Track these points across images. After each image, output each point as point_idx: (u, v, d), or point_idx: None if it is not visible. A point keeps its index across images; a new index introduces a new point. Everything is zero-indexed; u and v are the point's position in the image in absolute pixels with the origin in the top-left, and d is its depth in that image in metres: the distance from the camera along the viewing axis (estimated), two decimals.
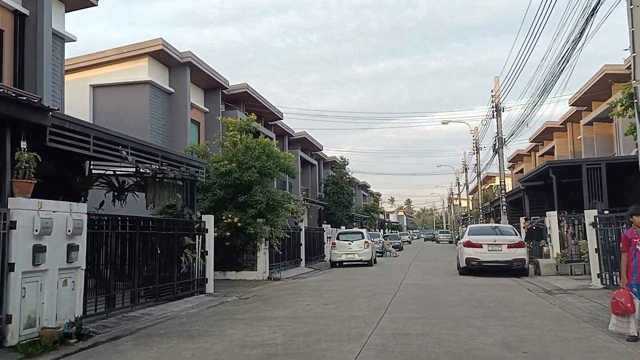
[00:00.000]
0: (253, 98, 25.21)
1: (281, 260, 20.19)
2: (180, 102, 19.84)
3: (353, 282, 15.55)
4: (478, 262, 16.56)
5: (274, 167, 16.96)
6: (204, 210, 16.83)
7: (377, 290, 12.86)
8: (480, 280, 15.25)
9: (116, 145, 9.39)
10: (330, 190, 40.41)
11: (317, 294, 12.64)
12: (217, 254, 17.04)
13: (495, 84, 23.57)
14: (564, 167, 18.41)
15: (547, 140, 38.59)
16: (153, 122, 18.60)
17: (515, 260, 16.34)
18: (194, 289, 12.42)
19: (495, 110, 23.35)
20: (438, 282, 15.08)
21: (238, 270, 17.34)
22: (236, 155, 16.67)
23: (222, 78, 22.63)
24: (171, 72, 19.99)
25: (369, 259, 23.55)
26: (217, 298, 12.29)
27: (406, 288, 13.30)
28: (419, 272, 19.01)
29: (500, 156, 23.29)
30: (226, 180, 16.62)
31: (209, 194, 16.97)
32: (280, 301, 11.44)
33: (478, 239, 16.97)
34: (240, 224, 16.60)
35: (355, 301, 10.96)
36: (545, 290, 12.76)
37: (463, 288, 13.10)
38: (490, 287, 13.21)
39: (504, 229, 18.16)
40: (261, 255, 17.34)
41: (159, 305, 10.60)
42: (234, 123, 17.27)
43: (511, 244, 16.57)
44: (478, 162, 36.71)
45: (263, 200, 16.48)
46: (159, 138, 18.74)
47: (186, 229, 12.20)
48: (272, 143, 17.29)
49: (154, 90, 18.71)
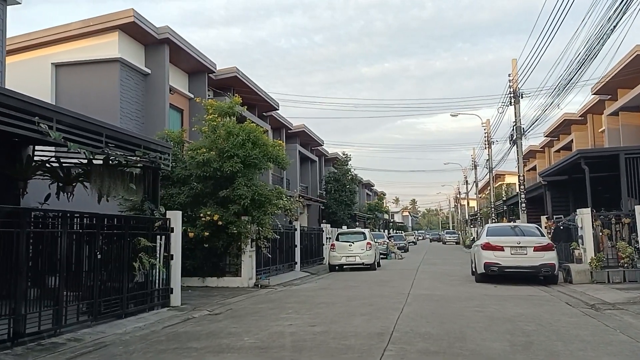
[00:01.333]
0: (244, 84, 22.84)
1: (272, 264, 17.81)
2: (157, 85, 17.51)
3: (352, 292, 13.15)
4: (499, 268, 14.13)
5: (261, 157, 14.57)
6: (179, 207, 14.48)
7: (379, 304, 10.46)
8: (503, 290, 12.82)
9: (31, 115, 7.05)
10: (332, 188, 38.00)
11: (305, 308, 10.24)
12: (194, 258, 14.78)
13: (513, 67, 21.11)
14: (599, 156, 15.91)
15: (564, 135, 36.02)
16: (125, 107, 16.26)
17: (544, 265, 13.90)
18: (153, 301, 10.05)
19: (513, 97, 20.87)
20: (453, 292, 12.66)
21: (220, 276, 14.99)
22: (216, 142, 14.31)
23: (208, 60, 20.28)
24: (147, 51, 17.65)
25: (372, 262, 21.15)
26: (182, 313, 9.93)
27: (415, 301, 10.88)
28: (429, 279, 16.59)
29: (519, 147, 20.81)
30: (204, 172, 14.26)
31: (186, 188, 14.61)
32: (256, 319, 9.05)
33: (498, 240, 14.54)
34: (222, 223, 14.25)
35: (351, 321, 8.55)
36: (587, 304, 10.32)
37: (486, 301, 10.67)
38: (519, 301, 10.77)
39: (526, 229, 15.69)
40: (246, 258, 14.97)
41: (99, 326, 8.24)
42: (215, 106, 14.89)
43: (538, 247, 14.11)
44: (490, 156, 34.23)
45: (247, 195, 14.11)
46: (132, 125, 16.40)
47: (142, 228, 9.83)
48: (259, 129, 14.90)
49: (125, 69, 16.37)
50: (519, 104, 20.82)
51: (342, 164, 39.89)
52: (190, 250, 14.70)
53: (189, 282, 14.88)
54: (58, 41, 16.33)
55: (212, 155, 14.07)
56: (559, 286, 13.85)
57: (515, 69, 20.97)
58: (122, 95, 16.14)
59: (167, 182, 14.82)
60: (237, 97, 15.30)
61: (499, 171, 47.88)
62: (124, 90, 16.23)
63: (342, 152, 40.91)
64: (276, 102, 27.58)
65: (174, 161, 14.89)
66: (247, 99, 24.32)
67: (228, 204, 14.37)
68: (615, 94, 25.63)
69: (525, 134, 20.49)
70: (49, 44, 16.32)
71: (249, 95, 23.85)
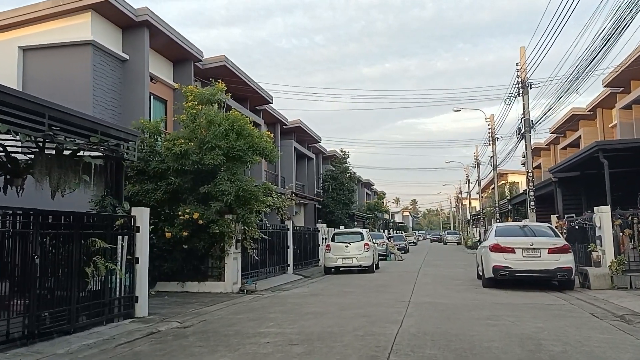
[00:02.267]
0: (234, 74, 21.41)
1: (261, 266, 16.43)
2: (136, 72, 16.10)
3: (345, 299, 11.75)
4: (509, 272, 12.72)
5: (246, 149, 13.17)
6: (155, 204, 13.13)
7: (375, 315, 9.05)
8: (515, 297, 11.42)
9: None
10: (329, 186, 36.56)
11: (290, 319, 8.84)
12: (173, 260, 13.39)
13: (521, 56, 19.67)
14: (620, 149, 14.48)
15: (571, 131, 34.56)
16: (98, 94, 14.86)
17: (559, 269, 12.49)
18: (112, 312, 8.65)
19: (522, 87, 19.45)
20: (459, 299, 11.25)
21: (201, 281, 13.61)
22: (195, 131, 12.92)
23: (194, 47, 18.87)
24: (125, 34, 16.24)
25: (370, 264, 19.75)
26: (146, 326, 8.53)
27: (417, 311, 9.48)
28: (431, 283, 15.18)
29: (528, 142, 19.39)
30: (182, 165, 12.87)
31: (163, 183, 13.20)
32: (229, 334, 7.65)
33: (509, 241, 13.13)
34: (202, 222, 12.86)
35: (340, 338, 7.14)
36: (615, 315, 8.92)
37: (498, 312, 9.27)
38: (536, 311, 9.36)
39: (537, 229, 14.25)
40: (230, 261, 13.58)
41: (38, 344, 6.85)
42: (195, 92, 13.49)
43: (553, 249, 12.71)
44: (494, 153, 32.76)
45: (231, 191, 12.71)
46: (107, 114, 15.01)
47: (98, 227, 8.44)
48: (245, 118, 13.50)
49: (99, 53, 14.96)
50: (527, 95, 19.40)
51: (340, 162, 38.45)
52: (168, 251, 13.36)
53: (167, 287, 13.52)
54: (25, 22, 14.93)
55: (191, 146, 12.69)
56: (576, 292, 12.46)
57: (523, 58, 19.55)
58: (96, 82, 14.73)
59: (142, 177, 13.45)
60: (221, 83, 13.89)
61: (502, 170, 46.39)
62: (97, 77, 14.82)
63: (340, 150, 39.48)
64: (269, 95, 26.15)
65: (150, 153, 13.56)
66: (238, 91, 22.94)
67: (209, 201, 12.99)
68: (629, 86, 24.21)
69: (534, 127, 19.08)
70: (15, 25, 14.93)
71: (240, 86, 22.44)
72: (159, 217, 13.26)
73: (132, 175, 13.42)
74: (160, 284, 13.58)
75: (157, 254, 13.33)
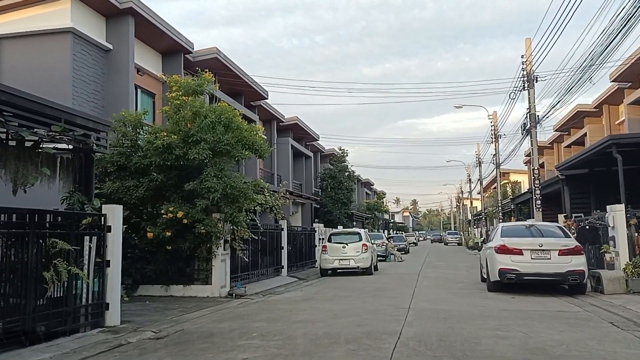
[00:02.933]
0: (227, 68, 20.52)
1: (252, 268, 15.56)
2: (121, 63, 15.22)
3: (340, 304, 10.85)
4: (517, 275, 11.82)
5: (234, 143, 12.29)
6: (137, 201, 12.27)
7: (371, 325, 8.16)
8: (524, 303, 10.52)
9: None
10: (327, 185, 35.64)
11: (275, 330, 7.94)
12: (156, 262, 12.51)
13: (527, 48, 18.76)
14: (635, 143, 13.57)
15: (575, 129, 33.67)
16: (79, 86, 13.99)
17: (571, 272, 11.58)
18: (77, 321, 7.75)
19: (527, 80, 18.55)
20: (463, 305, 10.35)
21: (187, 284, 12.72)
22: (179, 123, 12.03)
23: (184, 38, 17.98)
24: (109, 23, 15.36)
25: (368, 265, 18.85)
26: (116, 337, 7.64)
27: (418, 319, 8.58)
28: (433, 287, 14.28)
29: (533, 137, 18.47)
30: (165, 159, 11.98)
31: (145, 180, 12.31)
32: (205, 348, 6.76)
33: (516, 242, 12.24)
34: (187, 221, 11.98)
35: (329, 354, 6.25)
36: (637, 324, 8.03)
37: (507, 320, 8.37)
38: (550, 320, 8.46)
39: (545, 229, 13.34)
40: (217, 263, 12.69)
41: None
42: (180, 82, 12.60)
43: (564, 250, 11.81)
44: (497, 151, 31.87)
45: (218, 188, 11.83)
46: (88, 107, 14.13)
47: (59, 226, 7.54)
48: (233, 110, 12.62)
49: (79, 42, 14.08)
50: (533, 89, 18.50)
51: (339, 160, 37.53)
52: (151, 253, 12.49)
53: (150, 291, 12.65)
54: (1, 9, 14.06)
55: (174, 139, 11.79)
56: (588, 297, 11.57)
57: (529, 50, 18.65)
58: (76, 73, 13.86)
59: (123, 173, 12.58)
60: (208, 73, 13.00)
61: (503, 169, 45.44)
62: (78, 67, 13.94)
63: (338, 148, 38.57)
64: (265, 91, 25.25)
65: (132, 148, 12.68)
66: (231, 85, 22.08)
67: (195, 198, 12.11)
68: (637, 81, 23.36)
69: (540, 123, 18.17)
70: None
71: (233, 80, 21.58)
72: (141, 216, 12.41)
73: (112, 171, 12.55)
74: (143, 288, 12.71)
75: (140, 255, 12.49)
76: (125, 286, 12.48)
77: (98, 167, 12.54)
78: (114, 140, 12.61)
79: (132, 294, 12.54)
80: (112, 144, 12.64)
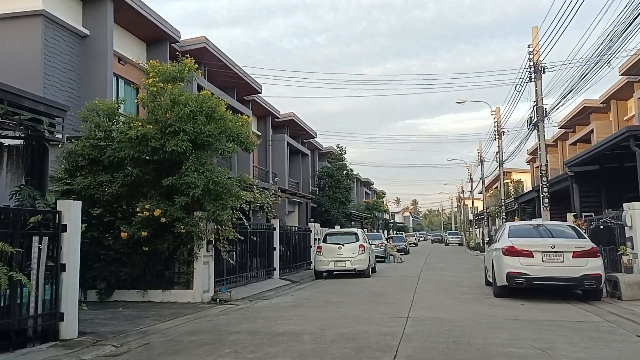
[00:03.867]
0: (216, 58, 19.49)
1: (241, 271, 14.52)
2: (99, 50, 14.18)
3: (331, 312, 9.79)
4: (527, 280, 10.75)
5: (217, 134, 11.23)
6: (110, 198, 11.21)
7: (364, 339, 7.09)
8: (536, 311, 9.46)
9: None
10: (325, 184, 34.57)
11: (253, 344, 6.88)
12: (132, 265, 11.43)
13: (534, 37, 17.68)
14: None
15: (581, 126, 32.62)
16: (51, 73, 12.95)
17: (586, 277, 10.51)
18: (25, 335, 6.70)
19: (534, 71, 17.48)
20: (468, 313, 9.29)
21: (166, 289, 11.66)
22: (155, 112, 10.97)
23: (169, 26, 16.94)
24: (86, 7, 14.33)
25: (365, 267, 17.79)
26: (67, 353, 6.59)
27: (417, 332, 7.52)
28: (434, 291, 13.22)
29: (540, 132, 17.40)
30: (140, 152, 10.92)
31: (120, 174, 11.25)
32: None
33: (525, 243, 11.17)
34: (165, 219, 10.93)
35: None
36: None
37: (519, 333, 7.31)
38: (568, 332, 7.39)
39: (556, 229, 12.28)
40: (199, 266, 11.63)
41: None
42: (158, 68, 11.54)
43: (579, 252, 10.74)
44: (500, 148, 30.77)
45: (199, 184, 10.77)
46: (62, 97, 13.10)
47: (0, 225, 6.49)
48: (217, 99, 11.57)
49: (52, 27, 13.04)
50: (540, 80, 17.42)
51: (337, 158, 36.45)
52: (127, 255, 11.44)
53: (126, 296, 11.59)
54: None
55: (150, 130, 10.73)
56: (605, 303, 10.51)
57: (536, 39, 17.57)
58: (48, 59, 12.82)
59: (96, 167, 11.51)
60: (190, 58, 11.94)
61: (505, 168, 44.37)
62: (50, 53, 12.91)
63: (336, 145, 37.45)
64: (259, 85, 24.20)
65: (105, 139, 11.61)
66: (222, 78, 21.05)
67: (174, 195, 11.06)
68: None
69: (548, 116, 17.09)
70: None
71: (224, 71, 20.56)
72: (115, 215, 11.36)
73: (84, 165, 11.50)
74: (119, 293, 11.65)
75: (114, 257, 11.44)
76: (98, 291, 11.53)
77: (69, 160, 11.56)
78: (87, 131, 11.59)
79: (107, 300, 11.52)
80: (85, 135, 11.64)
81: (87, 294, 11.60)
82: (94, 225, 11.32)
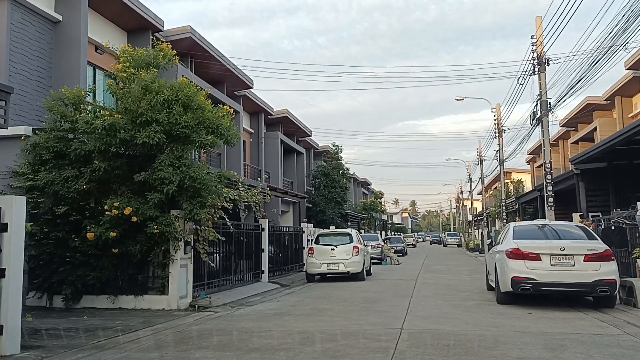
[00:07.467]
0: (203, 50, 18.49)
1: (225, 274, 13.54)
2: (72, 37, 13.19)
3: (317, 321, 8.81)
4: (534, 285, 9.78)
5: (194, 125, 10.25)
6: (76, 195, 10.23)
7: (349, 355, 6.11)
8: (545, 322, 8.48)
9: None
10: (320, 183, 33.59)
11: None
12: (101, 268, 10.41)
13: (537, 27, 16.74)
14: None
15: (583, 124, 31.70)
16: (19, 61, 11.97)
17: (599, 282, 9.54)
18: None
19: (538, 63, 16.53)
20: (470, 324, 8.31)
21: (139, 294, 10.69)
22: (124, 100, 9.99)
23: (151, 14, 15.97)
24: None
25: (359, 270, 16.82)
26: None
27: (412, 348, 6.53)
28: (431, 296, 12.25)
29: (544, 127, 16.44)
30: (107, 144, 9.93)
31: (87, 169, 10.26)
32: None
33: (532, 245, 10.20)
34: (137, 218, 9.96)
35: None
36: None
37: (530, 348, 6.34)
38: (586, 349, 6.41)
39: (563, 230, 11.27)
40: (176, 269, 10.65)
41: None
42: (130, 53, 10.56)
43: (591, 255, 9.77)
44: (500, 146, 29.83)
45: (174, 180, 9.82)
46: (30, 85, 12.12)
47: None
48: (194, 87, 10.58)
49: (20, 10, 12.06)
50: (544, 73, 16.47)
51: (333, 157, 35.48)
52: (95, 257, 10.46)
53: (95, 303, 10.63)
54: None
55: (118, 120, 9.73)
56: (619, 312, 9.55)
57: (540, 29, 16.62)
58: (14, 46, 11.84)
59: (62, 162, 10.53)
60: (166, 43, 10.96)
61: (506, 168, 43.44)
62: (17, 39, 11.93)
63: (332, 144, 36.48)
64: (250, 79, 23.21)
65: (71, 130, 10.62)
66: (211, 71, 20.08)
67: (147, 192, 10.08)
68: None
69: (552, 110, 16.13)
70: None
71: (213, 64, 19.59)
72: (82, 213, 10.37)
73: (48, 159, 10.51)
74: (88, 299, 10.67)
75: (82, 260, 10.44)
76: (64, 297, 10.53)
77: (32, 154, 10.58)
78: (52, 122, 10.61)
79: (73, 306, 10.53)
80: (49, 126, 10.66)
81: (52, 300, 10.67)
82: (59, 225, 10.40)
